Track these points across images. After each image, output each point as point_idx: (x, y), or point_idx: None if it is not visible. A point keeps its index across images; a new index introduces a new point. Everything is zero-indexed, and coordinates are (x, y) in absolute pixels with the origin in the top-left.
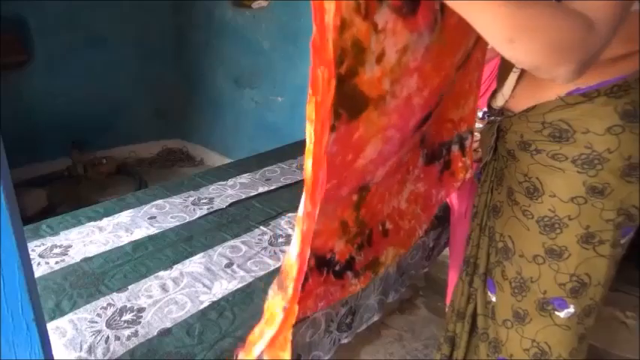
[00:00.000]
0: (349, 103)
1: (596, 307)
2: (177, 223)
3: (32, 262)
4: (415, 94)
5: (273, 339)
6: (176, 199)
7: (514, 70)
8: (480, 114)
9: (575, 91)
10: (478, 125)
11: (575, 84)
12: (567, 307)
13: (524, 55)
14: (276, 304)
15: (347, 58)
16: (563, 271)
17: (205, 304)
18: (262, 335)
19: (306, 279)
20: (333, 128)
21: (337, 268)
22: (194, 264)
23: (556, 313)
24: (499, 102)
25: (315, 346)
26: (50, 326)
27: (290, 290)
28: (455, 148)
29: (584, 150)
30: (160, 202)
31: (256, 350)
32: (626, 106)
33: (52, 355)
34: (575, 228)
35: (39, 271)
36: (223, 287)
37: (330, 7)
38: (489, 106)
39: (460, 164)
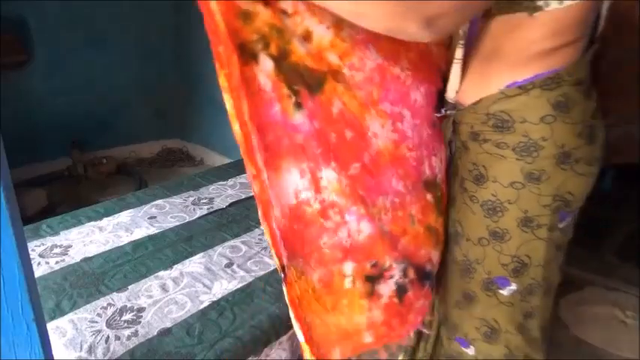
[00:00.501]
0: (300, 79)
1: (539, 287)
2: (177, 223)
3: (32, 262)
4: (388, 67)
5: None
6: (176, 199)
7: (455, 60)
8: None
9: (512, 84)
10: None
11: (513, 78)
12: (510, 285)
13: (374, 23)
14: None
15: (272, 41)
16: (505, 253)
17: (205, 304)
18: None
19: (406, 291)
20: (298, 106)
21: (432, 276)
22: (194, 264)
23: (500, 291)
24: (450, 95)
25: None
26: (50, 326)
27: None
28: None
29: (522, 138)
30: (159, 202)
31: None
32: (559, 98)
33: (52, 355)
34: (515, 212)
35: (39, 271)
36: (223, 287)
37: None
38: (445, 100)
39: None
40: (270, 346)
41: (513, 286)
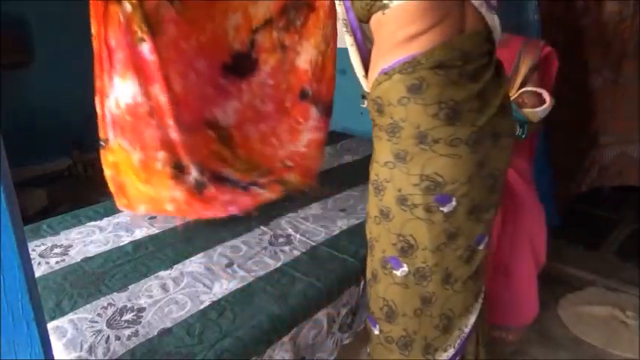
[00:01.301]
0: (146, 23)
1: (433, 272)
2: (178, 223)
3: (32, 262)
4: (181, 39)
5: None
6: None
7: (350, 44)
8: None
9: (381, 71)
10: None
11: (381, 66)
12: (402, 267)
13: None
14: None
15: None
16: (392, 231)
17: (206, 304)
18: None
19: (204, 186)
20: (142, 40)
21: (242, 184)
22: (194, 264)
23: (394, 272)
24: (362, 84)
25: (319, 347)
26: (50, 326)
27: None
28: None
29: (389, 120)
30: None
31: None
32: (413, 81)
33: (52, 355)
34: (392, 190)
35: (39, 271)
36: (223, 287)
37: None
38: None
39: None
40: (272, 347)
41: (404, 267)
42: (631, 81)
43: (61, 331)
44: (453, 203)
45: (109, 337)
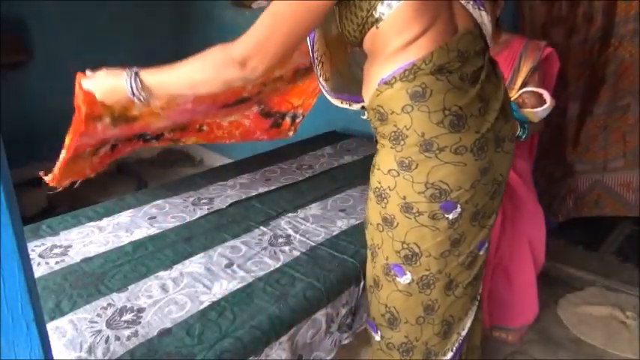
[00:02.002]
0: (124, 119)
1: (436, 280)
2: (177, 223)
3: (32, 262)
4: (191, 103)
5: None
6: (176, 199)
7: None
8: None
9: (381, 81)
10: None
11: (381, 76)
12: (405, 274)
13: (207, 85)
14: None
15: (116, 111)
16: (396, 239)
17: (205, 305)
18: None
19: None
20: (114, 125)
21: (147, 137)
22: (194, 264)
23: (397, 279)
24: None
25: (317, 346)
26: (50, 326)
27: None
28: (287, 119)
29: (393, 128)
30: (159, 202)
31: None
32: (415, 88)
33: (51, 355)
34: (396, 198)
35: (39, 271)
36: (223, 287)
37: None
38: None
39: (286, 129)
40: (270, 346)
41: (408, 276)
42: (606, 110)
43: (60, 331)
44: (458, 210)
45: (108, 337)
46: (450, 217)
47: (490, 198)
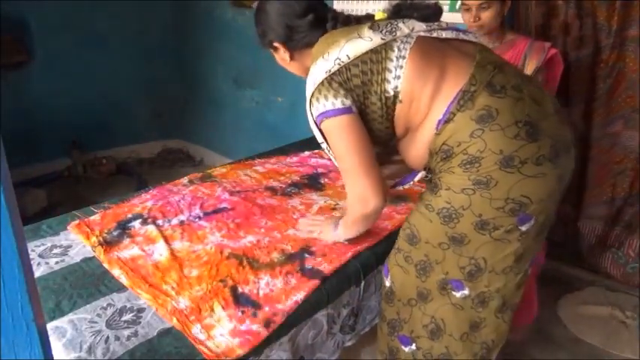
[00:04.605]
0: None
1: (492, 298)
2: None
3: (32, 262)
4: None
5: None
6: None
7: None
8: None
9: (438, 124)
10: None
11: (435, 119)
12: (463, 289)
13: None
14: None
15: None
16: (465, 255)
17: None
18: None
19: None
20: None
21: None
22: None
23: (453, 292)
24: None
25: (319, 347)
26: (50, 326)
27: None
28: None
29: (463, 156)
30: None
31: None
32: (480, 112)
33: (51, 355)
34: (470, 217)
35: (39, 271)
36: None
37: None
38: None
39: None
40: (270, 346)
41: (466, 291)
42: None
43: (60, 331)
44: (532, 222)
45: (108, 337)
46: (523, 229)
47: (555, 207)
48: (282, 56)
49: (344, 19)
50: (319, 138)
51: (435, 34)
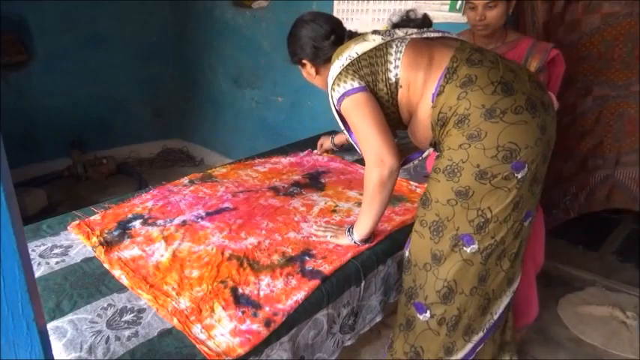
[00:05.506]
0: None
1: (495, 249)
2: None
3: (32, 262)
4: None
5: None
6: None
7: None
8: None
9: (432, 98)
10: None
11: (430, 96)
12: (472, 244)
13: (385, 200)
14: None
15: None
16: (472, 207)
17: None
18: None
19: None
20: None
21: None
22: None
23: (464, 248)
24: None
25: (319, 347)
26: (50, 326)
27: None
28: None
29: (455, 118)
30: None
31: None
32: (462, 79)
33: (52, 355)
34: (470, 168)
35: (39, 271)
36: None
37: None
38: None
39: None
40: (270, 346)
41: (475, 245)
42: (621, 94)
43: (60, 331)
44: (525, 169)
45: (108, 337)
46: (519, 176)
47: (543, 162)
48: (308, 71)
49: (356, 34)
50: (341, 125)
51: (425, 35)
